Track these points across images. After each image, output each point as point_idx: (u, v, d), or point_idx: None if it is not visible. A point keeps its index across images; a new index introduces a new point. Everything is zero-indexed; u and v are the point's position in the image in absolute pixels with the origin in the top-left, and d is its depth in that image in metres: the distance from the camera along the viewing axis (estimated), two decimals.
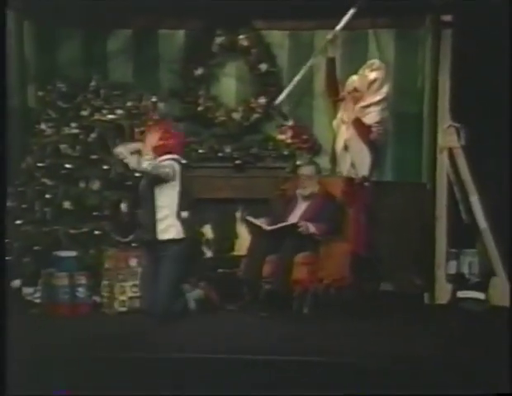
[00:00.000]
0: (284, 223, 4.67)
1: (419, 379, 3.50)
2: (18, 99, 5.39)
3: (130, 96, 5.24)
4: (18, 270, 4.93)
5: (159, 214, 4.38)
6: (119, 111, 5.12)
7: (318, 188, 4.88)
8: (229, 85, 5.62)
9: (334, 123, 5.05)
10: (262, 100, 5.52)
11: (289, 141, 5.44)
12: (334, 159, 5.04)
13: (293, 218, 4.79)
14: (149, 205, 4.40)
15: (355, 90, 4.93)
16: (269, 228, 4.67)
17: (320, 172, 4.95)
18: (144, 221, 4.42)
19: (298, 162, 5.26)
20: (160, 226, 4.37)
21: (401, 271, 5.13)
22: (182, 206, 4.44)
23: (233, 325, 4.39)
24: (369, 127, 4.87)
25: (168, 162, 4.39)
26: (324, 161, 5.17)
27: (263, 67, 5.48)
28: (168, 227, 4.38)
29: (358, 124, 4.88)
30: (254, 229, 4.79)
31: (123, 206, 4.91)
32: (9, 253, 4.82)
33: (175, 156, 4.48)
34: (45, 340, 3.99)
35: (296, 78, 5.09)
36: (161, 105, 5.29)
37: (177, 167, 4.43)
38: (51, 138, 5.13)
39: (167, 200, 4.39)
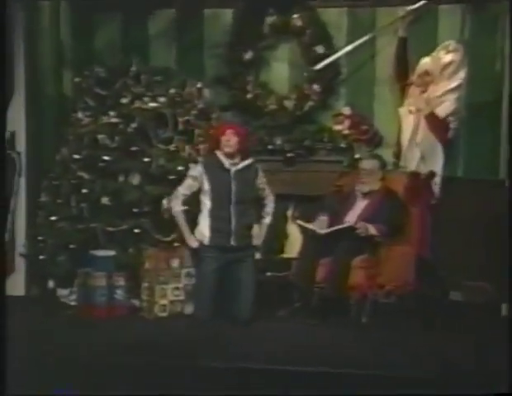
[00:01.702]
0: (340, 226, 4.66)
1: None
2: (53, 86, 5.47)
3: (173, 82, 5.26)
4: (52, 269, 5.04)
5: (252, 220, 4.64)
6: (161, 99, 5.13)
7: (379, 184, 4.85)
8: (280, 70, 5.65)
9: (401, 111, 4.99)
10: (317, 86, 5.52)
11: (346, 132, 5.42)
12: (398, 153, 5.00)
13: (350, 217, 4.78)
14: (245, 211, 4.59)
15: (426, 73, 4.86)
16: (323, 231, 4.68)
17: (384, 166, 4.90)
18: (238, 228, 4.56)
19: (357, 156, 5.26)
20: (253, 232, 4.65)
21: (473, 278, 5.05)
22: None
23: (282, 332, 4.40)
24: (444, 121, 4.79)
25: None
26: (385, 154, 5.13)
27: (319, 49, 5.49)
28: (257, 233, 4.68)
29: (432, 118, 4.81)
30: (306, 230, 4.83)
31: (165, 202, 4.89)
32: (43, 251, 5.08)
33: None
34: (79, 342, 4.08)
35: (347, 48, 5.01)
36: (206, 92, 5.34)
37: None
38: (88, 127, 5.17)
39: (254, 205, 4.67)
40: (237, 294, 4.56)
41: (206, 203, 4.61)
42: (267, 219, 4.73)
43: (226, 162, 4.60)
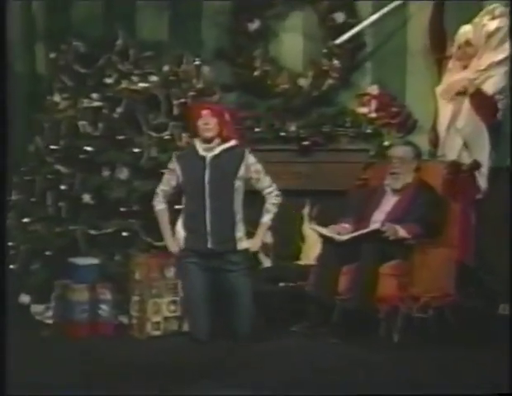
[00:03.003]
0: (363, 231, 4.63)
1: None
2: (23, 64, 5.53)
3: (167, 58, 5.27)
4: (25, 281, 5.01)
5: (237, 219, 4.54)
6: (152, 78, 5.14)
7: (413, 177, 4.81)
8: (293, 42, 5.65)
9: (438, 90, 4.99)
10: (337, 61, 5.50)
11: (373, 115, 5.41)
12: (435, 139, 5.02)
13: (378, 216, 4.75)
14: (225, 206, 4.51)
15: (467, 44, 4.87)
16: (344, 237, 4.65)
17: (418, 155, 4.89)
18: (216, 227, 4.51)
19: (386, 143, 5.24)
20: (238, 233, 4.55)
21: None
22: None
23: (297, 352, 4.38)
24: (490, 100, 4.78)
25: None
26: (420, 141, 5.12)
27: (339, 17, 5.48)
28: (244, 234, 4.58)
29: (476, 98, 4.82)
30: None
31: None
32: (14, 260, 5.03)
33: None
34: (55, 368, 4.07)
35: (373, 18, 5.00)
36: (206, 69, 5.34)
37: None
38: (66, 112, 5.17)
39: (240, 199, 4.56)
40: (232, 308, 4.54)
41: (183, 199, 4.63)
42: (266, 218, 4.62)
43: (201, 149, 4.58)
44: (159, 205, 4.67)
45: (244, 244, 4.59)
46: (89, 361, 4.18)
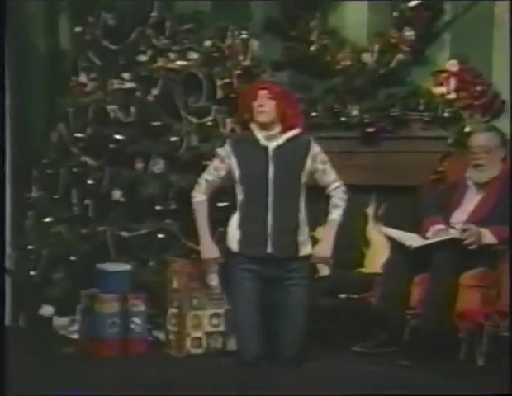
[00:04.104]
0: (440, 238, 4.58)
1: None
2: (44, 39, 5.55)
3: (209, 31, 5.28)
4: (47, 290, 5.03)
5: (301, 220, 4.49)
6: (192, 55, 5.16)
7: (500, 169, 4.77)
8: (356, 11, 5.60)
9: None
10: (409, 32, 5.42)
11: (452, 96, 5.35)
12: None
13: (458, 217, 4.70)
14: (289, 206, 4.45)
15: None
16: (417, 244, 4.60)
17: (507, 143, 4.82)
18: (278, 230, 4.44)
19: (468, 129, 5.18)
20: (301, 237, 4.49)
21: None
22: None
23: (358, 375, 4.34)
24: None
25: None
26: (508, 127, 5.08)
27: None
28: (307, 238, 4.54)
29: None
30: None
31: None
32: (34, 266, 5.08)
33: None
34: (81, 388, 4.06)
35: None
36: (254, 44, 5.34)
37: None
38: (94, 95, 5.18)
39: (304, 197, 4.51)
40: (280, 325, 4.48)
41: (238, 195, 4.53)
42: (335, 214, 4.53)
43: (262, 137, 4.48)
44: (199, 196, 4.57)
45: (307, 249, 4.51)
46: (119, 383, 4.18)
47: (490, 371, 4.38)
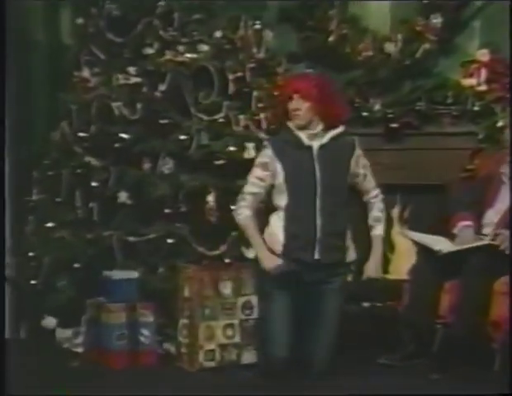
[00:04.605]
0: (472, 244, 4.57)
1: None
2: (45, 32, 5.53)
3: (220, 22, 5.28)
4: (50, 300, 5.01)
5: (347, 224, 4.52)
6: (203, 47, 5.15)
7: None
8: None
9: None
10: (436, 19, 5.42)
11: (483, 88, 5.33)
12: None
13: (492, 216, 4.70)
14: (337, 208, 4.45)
15: None
16: (447, 249, 4.59)
17: None
18: (326, 234, 4.43)
19: (500, 123, 5.16)
20: (347, 241, 4.53)
21: None
22: None
23: (386, 390, 4.30)
24: None
25: None
26: None
27: None
28: (351, 243, 4.58)
29: None
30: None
31: (210, 199, 4.91)
32: (36, 274, 5.07)
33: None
34: None
35: None
36: (268, 35, 5.34)
37: None
38: (98, 91, 5.19)
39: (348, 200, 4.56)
40: (312, 334, 4.47)
41: (280, 198, 4.48)
42: (379, 230, 4.59)
43: (304, 137, 4.46)
44: (245, 212, 4.49)
45: (353, 255, 4.53)
46: None
47: None
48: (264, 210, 4.59)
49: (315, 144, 4.44)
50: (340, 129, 4.50)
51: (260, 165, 4.49)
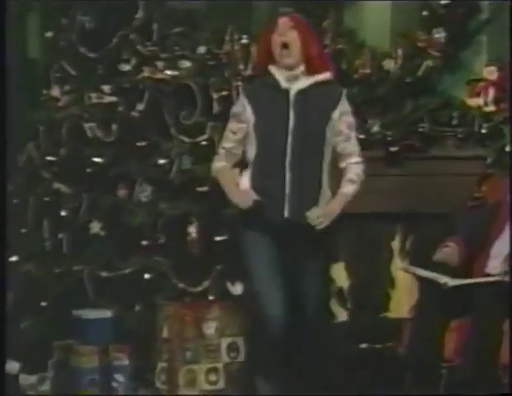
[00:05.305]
0: (480, 279, 4.56)
1: None
2: (11, 46, 5.39)
3: (203, 35, 5.30)
4: (13, 342, 4.85)
5: (324, 181, 4.34)
6: (185, 63, 5.17)
7: None
8: (377, 10, 5.63)
9: None
10: (439, 34, 5.46)
11: (490, 108, 5.36)
12: None
13: (501, 247, 4.69)
14: (312, 162, 4.28)
15: None
16: (454, 283, 4.57)
17: None
18: (297, 190, 4.27)
19: (510, 147, 5.21)
20: (323, 201, 4.32)
21: None
22: None
23: None
24: None
25: None
26: None
27: None
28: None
29: None
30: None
31: (193, 229, 4.91)
32: None
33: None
34: None
35: None
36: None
37: None
38: (69, 111, 5.21)
39: (329, 155, 4.38)
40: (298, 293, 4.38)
41: (251, 149, 4.34)
42: (348, 188, 4.33)
43: (283, 78, 4.31)
44: (219, 163, 4.39)
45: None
46: None
47: None
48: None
49: (294, 88, 4.28)
50: (326, 75, 4.33)
51: (233, 116, 4.39)
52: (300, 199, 4.23)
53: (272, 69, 4.29)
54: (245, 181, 4.32)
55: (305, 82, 4.26)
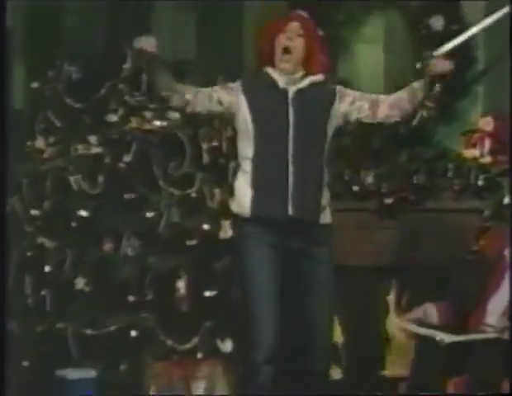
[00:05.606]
0: (475, 336, 4.52)
1: None
2: None
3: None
4: None
5: (324, 180, 4.31)
6: (173, 114, 5.14)
7: None
8: (371, 57, 5.69)
9: None
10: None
11: (487, 160, 5.39)
12: None
13: (497, 304, 4.65)
14: (312, 160, 4.23)
15: None
16: (451, 339, 4.53)
17: None
18: (300, 188, 4.20)
19: (507, 199, 5.21)
20: (323, 200, 4.30)
21: None
22: None
23: None
24: None
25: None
26: None
27: (437, 22, 5.52)
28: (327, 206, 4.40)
29: None
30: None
31: (181, 285, 4.90)
32: None
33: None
34: None
35: (486, 22, 4.80)
36: None
37: None
38: (54, 163, 5.21)
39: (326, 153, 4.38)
40: (305, 307, 4.23)
41: (247, 147, 4.28)
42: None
43: (281, 81, 4.28)
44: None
45: (327, 218, 4.26)
46: None
47: None
48: None
49: (292, 88, 4.26)
50: (321, 76, 4.30)
51: (223, 86, 4.32)
52: (303, 196, 4.18)
53: (269, 70, 4.27)
54: (242, 180, 4.24)
55: (302, 83, 4.25)
